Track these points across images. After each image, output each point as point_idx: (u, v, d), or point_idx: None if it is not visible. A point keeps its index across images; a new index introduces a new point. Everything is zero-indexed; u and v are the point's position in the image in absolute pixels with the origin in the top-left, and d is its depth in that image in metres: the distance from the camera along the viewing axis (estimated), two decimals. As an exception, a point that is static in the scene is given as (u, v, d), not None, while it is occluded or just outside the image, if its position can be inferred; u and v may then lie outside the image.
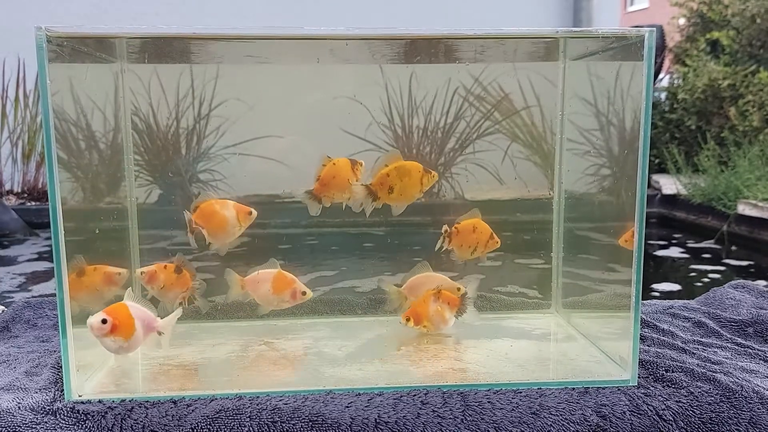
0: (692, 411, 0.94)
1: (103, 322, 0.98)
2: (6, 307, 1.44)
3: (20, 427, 0.87)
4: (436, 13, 5.51)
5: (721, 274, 3.27)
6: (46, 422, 0.89)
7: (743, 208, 4.10)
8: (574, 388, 0.99)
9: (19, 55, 4.61)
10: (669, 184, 5.00)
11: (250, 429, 0.89)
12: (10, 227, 4.09)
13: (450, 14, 5.53)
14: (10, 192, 4.90)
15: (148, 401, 0.94)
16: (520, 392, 0.97)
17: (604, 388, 0.99)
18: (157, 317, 1.06)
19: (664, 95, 5.99)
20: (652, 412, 0.93)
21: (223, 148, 1.33)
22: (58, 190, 0.94)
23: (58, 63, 0.96)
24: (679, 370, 1.04)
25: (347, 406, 0.92)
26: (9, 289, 2.89)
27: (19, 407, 0.91)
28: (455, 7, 5.52)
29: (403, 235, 1.38)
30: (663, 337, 1.22)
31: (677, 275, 3.40)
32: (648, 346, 1.17)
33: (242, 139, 1.31)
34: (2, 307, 1.46)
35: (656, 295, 2.84)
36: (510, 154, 1.36)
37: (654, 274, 3.31)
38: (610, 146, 1.22)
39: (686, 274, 3.39)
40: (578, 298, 1.34)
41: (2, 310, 1.43)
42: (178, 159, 1.36)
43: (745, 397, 0.95)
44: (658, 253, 3.82)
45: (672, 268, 3.55)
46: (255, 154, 1.32)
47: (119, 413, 0.91)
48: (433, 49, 1.22)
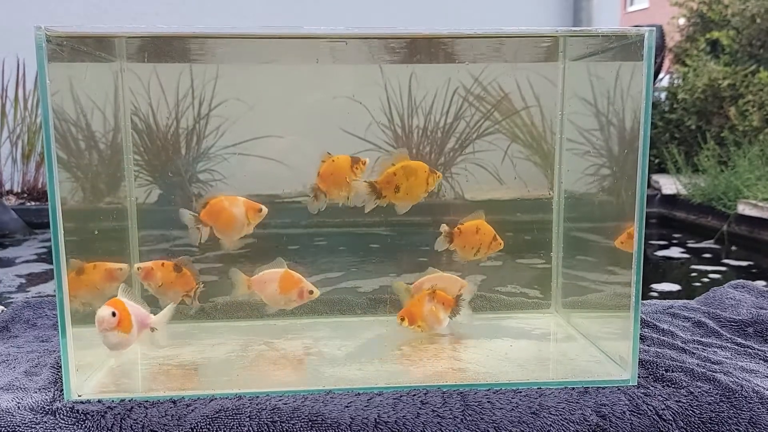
0: (692, 411, 0.94)
1: (113, 314, 0.98)
2: (5, 307, 1.44)
3: (20, 426, 0.87)
4: (436, 13, 5.51)
5: (722, 275, 3.27)
6: (45, 422, 0.89)
7: (743, 208, 4.10)
8: (573, 388, 0.99)
9: (19, 55, 4.62)
10: (669, 184, 5.00)
11: (250, 429, 0.89)
12: (10, 227, 4.09)
13: (450, 14, 5.53)
14: (10, 192, 4.90)
15: (147, 401, 0.94)
16: (520, 392, 0.97)
17: (603, 388, 0.99)
18: (150, 314, 1.06)
19: (664, 95, 5.99)
20: (651, 411, 0.93)
21: (223, 148, 1.33)
22: (58, 190, 0.94)
23: (58, 63, 0.96)
24: (679, 370, 1.04)
25: (347, 406, 0.92)
26: (9, 290, 2.89)
27: (19, 407, 0.91)
28: (455, 7, 5.52)
29: (404, 235, 1.37)
30: (663, 337, 1.22)
31: (677, 275, 3.40)
32: (648, 345, 1.17)
33: (242, 139, 1.31)
34: (2, 307, 1.46)
35: (655, 296, 2.83)
36: (510, 154, 1.36)
37: (654, 274, 3.31)
38: (610, 146, 1.22)
39: (686, 275, 3.39)
40: (578, 297, 1.34)
41: (2, 310, 1.42)
42: (178, 159, 1.36)
43: (745, 397, 0.95)
44: (658, 253, 3.82)
45: (672, 268, 3.55)
46: (255, 154, 1.32)
47: (119, 413, 0.91)
48: (433, 49, 1.22)
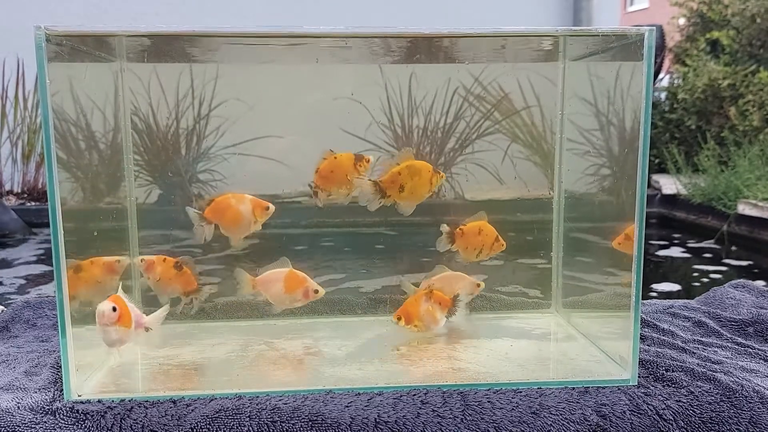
0: (692, 410, 0.94)
1: (114, 309, 0.98)
2: (5, 307, 1.44)
3: (19, 426, 0.87)
4: (436, 13, 5.51)
5: (722, 275, 3.27)
6: (45, 422, 0.89)
7: (743, 208, 4.10)
8: (574, 388, 0.98)
9: (19, 55, 4.62)
10: (669, 184, 5.00)
11: (250, 429, 0.89)
12: (10, 227, 4.09)
13: (450, 14, 5.53)
14: (10, 192, 4.90)
15: (147, 401, 0.94)
16: (520, 392, 0.97)
17: (604, 388, 0.99)
18: (143, 314, 1.07)
19: (664, 95, 5.99)
20: (652, 411, 0.93)
21: (223, 148, 1.33)
22: (58, 190, 0.94)
23: (58, 62, 0.96)
24: (680, 370, 1.04)
25: (347, 406, 0.92)
26: (9, 291, 2.89)
27: (19, 407, 0.91)
28: (455, 7, 5.52)
29: (405, 235, 1.37)
30: (663, 337, 1.22)
31: (677, 275, 3.39)
32: (648, 345, 1.17)
33: (242, 139, 1.31)
34: (2, 307, 1.46)
35: (654, 296, 2.83)
36: (510, 154, 1.36)
37: (654, 274, 3.31)
38: (610, 146, 1.22)
39: (686, 275, 3.39)
40: (578, 297, 1.34)
41: (2, 310, 1.42)
42: (178, 159, 1.36)
43: (746, 397, 0.95)
44: (659, 253, 3.82)
45: (672, 268, 3.55)
46: (255, 154, 1.32)
47: (119, 413, 0.90)
48: (433, 49, 1.22)
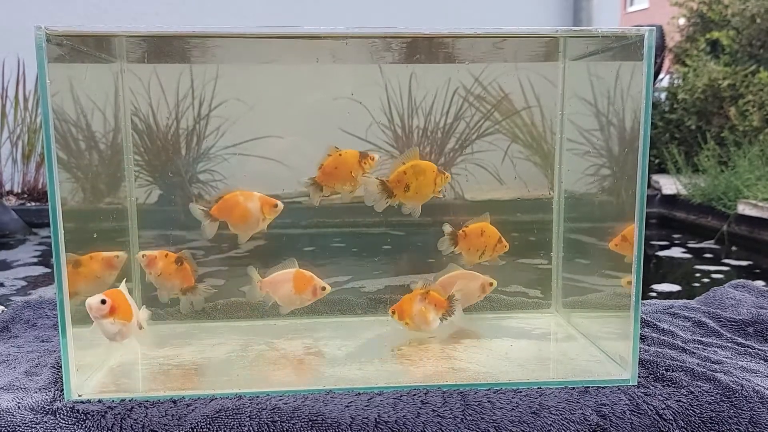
0: (692, 410, 0.94)
1: (102, 302, 0.99)
2: (6, 307, 1.44)
3: (20, 426, 0.87)
4: (436, 13, 5.51)
5: (723, 275, 3.27)
6: (45, 422, 0.89)
7: (743, 208, 4.10)
8: (574, 388, 0.99)
9: (19, 55, 4.62)
10: (669, 184, 5.00)
11: (250, 429, 0.89)
12: (10, 228, 4.09)
13: (450, 14, 5.53)
14: (10, 192, 4.90)
15: (147, 401, 0.94)
16: (520, 392, 0.97)
17: (604, 388, 0.99)
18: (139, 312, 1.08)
19: (664, 95, 5.99)
20: (652, 411, 0.93)
21: (223, 148, 1.33)
22: (58, 191, 0.94)
23: (58, 63, 0.96)
24: (680, 370, 1.04)
25: (347, 406, 0.92)
26: (9, 292, 2.89)
27: (19, 407, 0.91)
28: (455, 7, 5.52)
29: (405, 236, 1.37)
30: (663, 337, 1.22)
31: (677, 276, 3.39)
32: (648, 345, 1.17)
33: (242, 140, 1.31)
34: (2, 307, 1.46)
35: (653, 296, 2.83)
36: (510, 154, 1.36)
37: (654, 274, 3.31)
38: (610, 146, 1.22)
39: (686, 275, 3.39)
40: (578, 297, 1.34)
41: (2, 310, 1.43)
42: (178, 159, 1.36)
43: (746, 397, 0.95)
44: (659, 253, 3.82)
45: (672, 268, 3.55)
46: (255, 154, 1.32)
47: (119, 413, 0.91)
48: (433, 49, 1.22)
